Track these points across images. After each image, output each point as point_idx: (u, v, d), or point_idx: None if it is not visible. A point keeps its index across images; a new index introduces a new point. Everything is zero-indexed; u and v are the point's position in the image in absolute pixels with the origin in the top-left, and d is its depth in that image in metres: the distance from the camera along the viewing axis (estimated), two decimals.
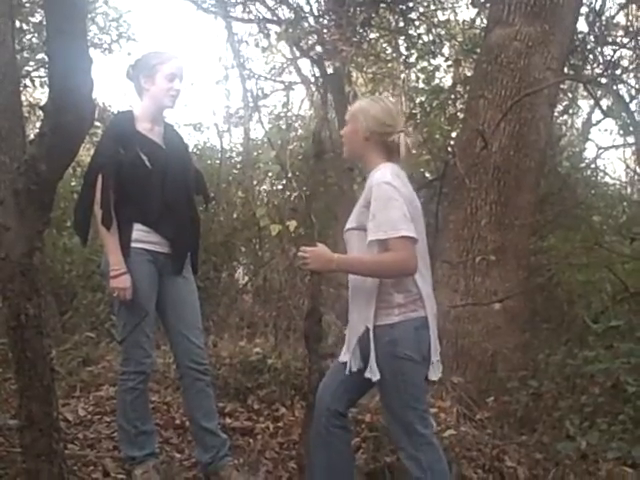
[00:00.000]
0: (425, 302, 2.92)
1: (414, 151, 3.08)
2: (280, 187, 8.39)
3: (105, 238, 3.49)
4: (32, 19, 8.84)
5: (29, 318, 2.31)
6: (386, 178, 2.86)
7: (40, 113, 2.29)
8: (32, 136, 2.41)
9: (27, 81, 9.30)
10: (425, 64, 8.36)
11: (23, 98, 8.14)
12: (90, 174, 3.56)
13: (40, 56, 8.96)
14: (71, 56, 2.05)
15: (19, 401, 2.45)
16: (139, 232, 3.54)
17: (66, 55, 2.04)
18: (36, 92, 10.05)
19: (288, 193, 7.88)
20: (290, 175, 7.52)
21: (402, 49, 8.81)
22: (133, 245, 3.52)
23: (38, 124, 5.33)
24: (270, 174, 8.69)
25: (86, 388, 5.03)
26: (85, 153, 11.26)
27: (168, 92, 3.62)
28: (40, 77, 9.45)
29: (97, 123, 9.53)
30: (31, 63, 9.64)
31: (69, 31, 1.98)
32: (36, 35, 9.04)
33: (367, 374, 2.87)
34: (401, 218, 2.80)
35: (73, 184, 8.32)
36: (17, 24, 8.21)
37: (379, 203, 2.82)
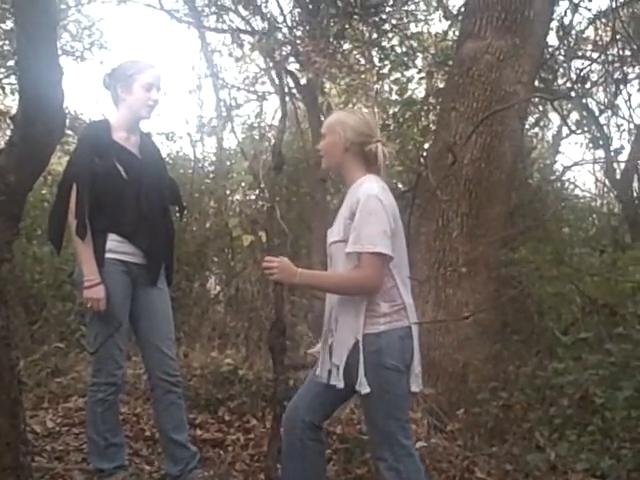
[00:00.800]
0: (408, 312, 2.94)
1: (387, 162, 3.10)
2: (253, 197, 8.37)
3: (79, 248, 3.46)
4: (3, 26, 8.75)
5: None
6: (374, 191, 2.88)
7: (10, 121, 2.27)
8: (2, 144, 2.39)
9: None
10: (398, 75, 8.39)
11: None
12: (64, 183, 3.53)
13: (11, 63, 8.86)
14: (42, 66, 2.03)
15: None
16: (113, 242, 3.52)
17: (37, 65, 2.02)
18: (7, 99, 9.94)
19: (261, 203, 7.87)
20: (263, 185, 7.52)
21: (375, 60, 8.84)
22: (107, 255, 3.50)
23: (9, 132, 5.28)
24: (243, 184, 8.66)
25: (54, 399, 4.99)
26: (56, 162, 11.16)
27: (145, 102, 3.61)
28: (11, 84, 9.34)
29: (69, 132, 9.46)
30: (2, 70, 9.53)
31: (40, 40, 1.97)
32: (7, 42, 8.94)
33: (357, 387, 2.86)
34: (380, 234, 2.82)
35: (44, 192, 8.23)
36: None
37: (363, 216, 2.84)
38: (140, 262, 3.60)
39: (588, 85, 8.26)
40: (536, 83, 6.54)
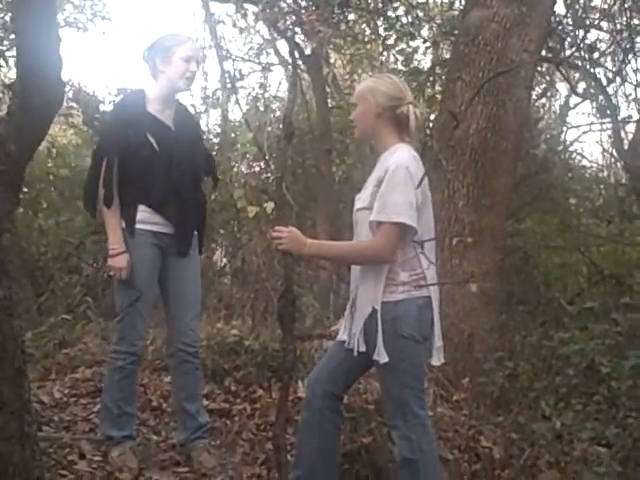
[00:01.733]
0: (428, 281, 2.92)
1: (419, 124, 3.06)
2: (258, 169, 8.35)
3: (106, 217, 3.52)
4: None
5: None
6: (404, 161, 2.85)
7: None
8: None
9: (1, 60, 9.16)
10: (404, 46, 8.34)
11: None
12: (96, 153, 3.60)
13: (15, 37, 8.82)
14: (39, 35, 2.00)
15: None
16: (143, 213, 3.54)
17: (34, 34, 2.00)
18: (11, 72, 9.90)
19: (266, 175, 7.85)
20: (268, 157, 7.49)
21: (381, 30, 8.77)
22: (137, 226, 3.53)
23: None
24: (248, 156, 8.65)
25: (62, 371, 5.00)
26: (61, 134, 11.17)
27: (183, 74, 3.60)
28: (14, 57, 9.30)
29: (73, 104, 9.44)
30: (5, 42, 9.49)
31: (37, 9, 1.94)
32: (10, 14, 8.89)
33: (375, 356, 2.85)
34: (405, 204, 2.79)
35: (49, 165, 8.23)
36: None
37: (390, 185, 2.81)
38: (170, 232, 3.61)
39: (596, 54, 8.17)
40: (543, 52, 6.47)
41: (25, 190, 7.27)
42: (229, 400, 4.64)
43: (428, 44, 8.55)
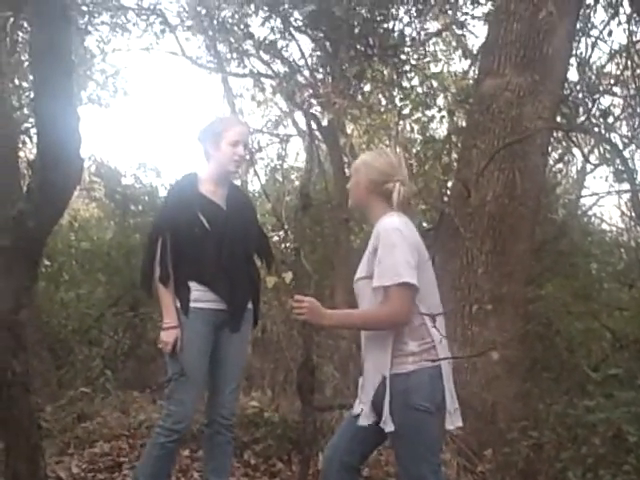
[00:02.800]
0: (438, 350, 2.89)
1: (412, 201, 3.13)
2: (276, 239, 8.39)
3: (161, 294, 3.64)
4: (31, 77, 8.93)
5: (15, 375, 2.28)
6: (394, 224, 2.91)
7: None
8: None
9: (26, 138, 9.37)
10: (419, 115, 8.43)
11: (22, 154, 8.20)
12: (151, 235, 3.75)
13: (34, 115, 9.03)
14: (58, 113, 2.06)
15: (5, 460, 2.41)
16: (198, 292, 3.63)
17: (53, 112, 2.05)
18: (35, 149, 10.11)
19: (285, 245, 7.88)
20: (286, 227, 7.53)
21: (396, 100, 8.89)
22: (192, 305, 3.61)
23: None
24: (267, 226, 8.70)
25: (80, 445, 4.98)
26: (84, 208, 11.33)
27: (231, 158, 3.74)
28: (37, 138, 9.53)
29: (95, 178, 9.60)
30: (30, 120, 9.72)
31: (56, 87, 1.99)
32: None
33: (382, 425, 2.83)
34: (403, 264, 2.81)
35: (71, 238, 8.33)
36: (16, 82, 8.31)
37: (385, 249, 2.85)
38: (223, 309, 3.67)
39: (610, 119, 8.21)
40: (558, 119, 6.51)
41: (47, 263, 7.34)
42: (248, 474, 4.58)
43: (443, 113, 8.63)
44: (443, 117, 8.70)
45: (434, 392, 2.87)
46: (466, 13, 8.59)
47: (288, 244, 7.99)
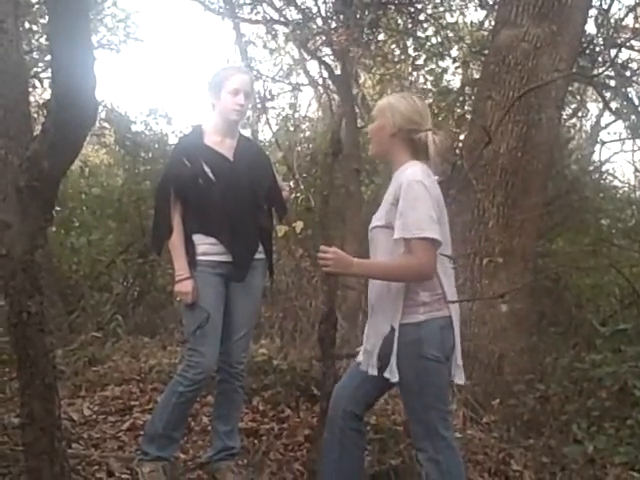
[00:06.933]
0: (450, 301, 2.90)
1: (439, 151, 3.03)
2: (287, 188, 8.37)
3: (170, 246, 3.64)
4: (41, 20, 8.85)
5: (31, 315, 2.30)
6: (417, 176, 2.83)
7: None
8: None
9: (36, 82, 9.33)
10: (433, 66, 8.34)
11: (32, 99, 8.16)
12: (159, 191, 3.77)
13: (49, 57, 8.98)
14: (74, 53, 2.03)
15: (21, 399, 2.44)
16: (205, 245, 3.63)
17: (69, 52, 2.03)
18: (45, 93, 10.06)
19: (295, 194, 7.86)
20: (297, 176, 7.51)
21: (410, 51, 8.79)
22: (199, 258, 3.62)
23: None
24: (278, 175, 8.67)
25: (92, 388, 5.03)
26: (93, 154, 11.32)
27: (232, 107, 3.69)
28: (49, 78, 9.46)
29: (105, 124, 9.56)
30: (40, 64, 9.67)
31: (72, 28, 1.97)
32: (45, 36, 9.05)
33: (386, 374, 2.84)
34: (427, 219, 2.77)
35: (82, 184, 8.33)
36: (26, 25, 8.25)
37: (408, 202, 2.80)
38: (230, 260, 3.67)
39: (628, 73, 8.10)
40: (574, 71, 6.42)
41: (58, 208, 7.36)
42: (257, 420, 4.63)
43: (458, 64, 8.54)
44: (457, 68, 8.61)
45: (444, 342, 2.87)
46: None
47: (299, 194, 7.98)
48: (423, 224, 2.76)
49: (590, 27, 7.25)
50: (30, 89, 7.98)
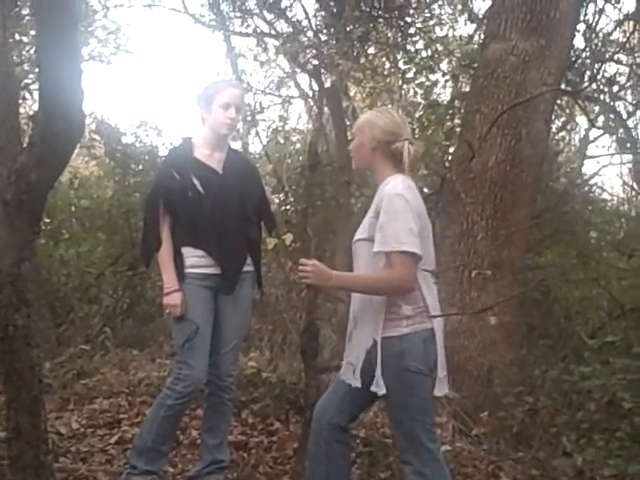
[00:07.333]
0: (432, 314, 2.91)
1: (415, 161, 3.08)
2: (277, 200, 8.37)
3: (159, 259, 3.66)
4: (31, 32, 8.84)
5: (17, 329, 2.29)
6: (397, 190, 2.87)
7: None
8: None
9: (26, 93, 9.31)
10: (423, 79, 8.37)
11: (22, 110, 8.14)
12: (147, 204, 3.78)
13: (37, 68, 8.96)
14: (61, 65, 2.04)
15: (7, 412, 2.43)
16: (194, 257, 3.64)
17: (56, 64, 2.04)
18: (35, 104, 10.04)
19: (285, 207, 7.87)
20: (287, 188, 7.51)
21: (400, 64, 8.82)
22: (188, 270, 3.63)
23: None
24: (267, 187, 8.68)
25: (80, 401, 5.01)
26: (83, 166, 11.29)
27: (223, 121, 3.71)
28: (38, 89, 9.46)
29: (95, 136, 9.55)
30: (30, 76, 9.64)
31: (59, 40, 1.98)
32: (35, 47, 9.05)
33: (373, 388, 2.85)
34: (406, 232, 2.80)
35: (71, 196, 8.31)
36: (17, 37, 8.23)
37: (388, 215, 2.83)
38: (219, 273, 3.68)
39: (616, 88, 8.16)
40: (562, 86, 6.46)
41: (47, 220, 7.34)
42: (246, 433, 4.62)
43: (447, 77, 8.57)
44: (447, 81, 8.64)
45: (427, 354, 2.89)
46: None
47: (289, 206, 7.99)
48: (402, 237, 2.79)
49: (578, 41, 7.31)
50: (20, 101, 7.96)
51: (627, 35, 8.15)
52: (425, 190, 7.63)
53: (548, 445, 4.48)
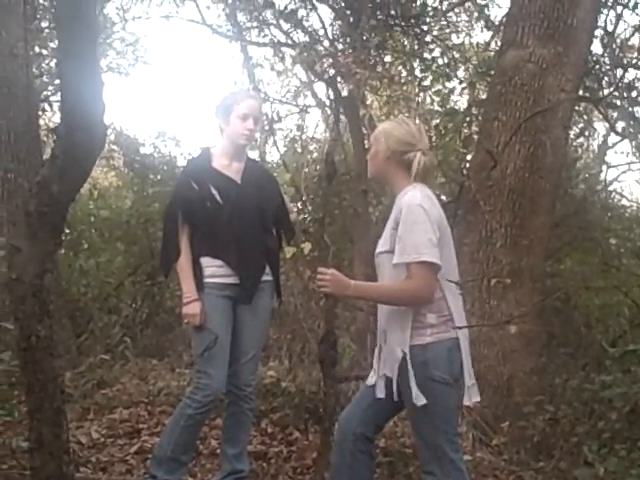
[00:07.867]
0: (456, 323, 2.90)
1: (430, 171, 3.08)
2: (295, 210, 8.39)
3: (177, 268, 3.69)
4: (51, 44, 8.94)
5: (40, 340, 2.31)
6: (416, 200, 2.87)
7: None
8: None
9: (46, 105, 9.40)
10: (440, 87, 8.35)
11: (42, 122, 8.22)
12: (166, 214, 3.83)
13: (59, 81, 9.05)
14: (82, 78, 2.06)
15: (29, 423, 2.45)
16: (213, 267, 3.66)
17: (77, 77, 2.06)
18: (55, 116, 10.14)
19: (303, 216, 7.87)
20: (305, 198, 7.52)
21: (417, 72, 8.82)
22: (207, 280, 3.65)
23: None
24: (286, 196, 8.69)
25: (100, 411, 5.04)
26: (103, 176, 11.37)
27: (241, 132, 3.74)
28: (59, 101, 9.53)
29: (114, 147, 9.62)
30: (50, 88, 9.75)
31: (80, 53, 2.00)
32: (55, 60, 9.14)
33: (414, 400, 2.82)
34: (425, 243, 2.79)
35: (91, 207, 8.37)
36: (36, 49, 8.32)
37: (407, 226, 2.83)
38: (237, 282, 3.70)
39: (634, 93, 8.10)
40: (580, 92, 6.43)
41: (67, 231, 7.39)
42: (265, 442, 4.62)
43: (464, 85, 8.55)
44: (464, 89, 8.62)
45: (452, 364, 2.88)
46: None
47: (307, 215, 7.99)
48: (421, 248, 2.79)
49: (596, 47, 7.27)
50: (40, 113, 8.04)
51: None
52: (443, 198, 7.62)
53: (569, 455, 4.44)
